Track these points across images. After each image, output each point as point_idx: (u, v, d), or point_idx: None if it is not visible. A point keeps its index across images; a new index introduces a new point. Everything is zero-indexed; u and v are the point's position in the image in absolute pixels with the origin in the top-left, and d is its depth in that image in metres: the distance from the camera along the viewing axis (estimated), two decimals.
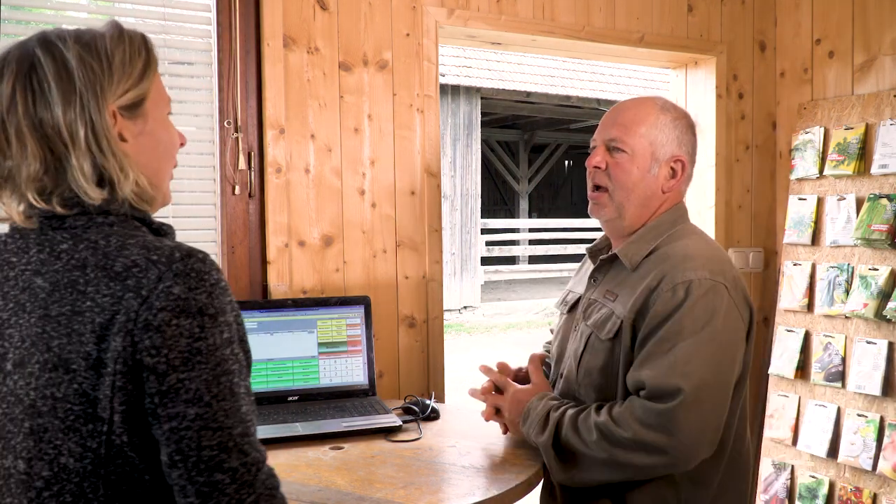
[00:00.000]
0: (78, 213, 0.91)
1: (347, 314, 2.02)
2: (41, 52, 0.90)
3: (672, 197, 1.59)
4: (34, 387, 0.87)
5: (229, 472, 0.85)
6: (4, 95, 0.89)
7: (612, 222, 1.60)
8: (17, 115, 0.89)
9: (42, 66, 0.89)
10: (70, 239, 0.90)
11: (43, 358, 0.86)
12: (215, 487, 0.84)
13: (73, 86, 0.89)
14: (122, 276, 0.86)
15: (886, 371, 2.37)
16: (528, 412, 1.53)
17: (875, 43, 2.57)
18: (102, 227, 0.91)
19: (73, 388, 0.85)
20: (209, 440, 0.84)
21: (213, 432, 0.84)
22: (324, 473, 1.45)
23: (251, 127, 2.10)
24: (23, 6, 1.90)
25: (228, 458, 0.85)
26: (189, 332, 0.84)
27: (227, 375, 0.87)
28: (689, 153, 1.59)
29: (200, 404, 0.84)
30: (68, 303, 0.86)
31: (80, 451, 0.86)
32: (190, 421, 0.84)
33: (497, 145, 15.53)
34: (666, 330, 1.41)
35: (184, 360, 0.84)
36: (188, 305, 0.85)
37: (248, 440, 0.87)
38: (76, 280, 0.87)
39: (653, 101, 1.59)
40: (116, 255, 0.87)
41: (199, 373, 0.84)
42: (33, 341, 0.87)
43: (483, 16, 2.35)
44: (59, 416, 0.86)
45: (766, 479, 2.71)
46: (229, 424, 0.86)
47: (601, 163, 1.56)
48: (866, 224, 2.43)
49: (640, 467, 1.39)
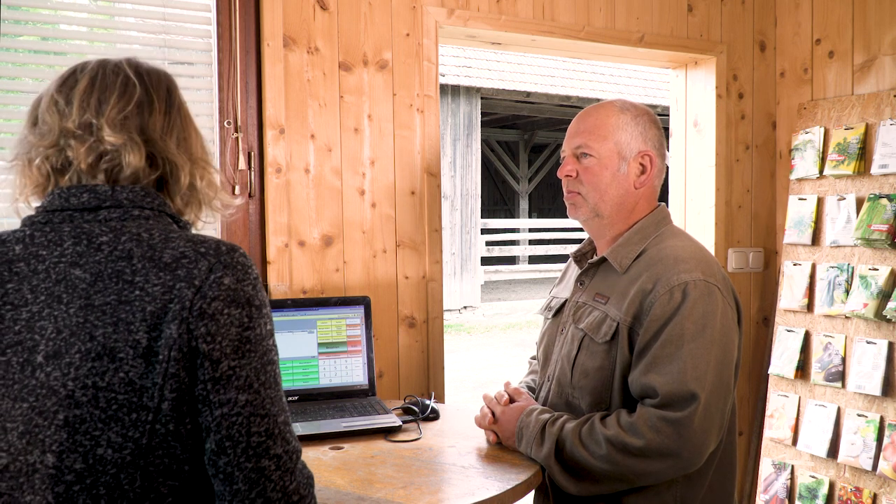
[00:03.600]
0: (111, 206, 0.93)
1: (347, 314, 2.02)
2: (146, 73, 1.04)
3: (646, 192, 1.62)
4: (73, 377, 0.86)
5: (274, 458, 0.88)
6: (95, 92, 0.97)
7: (590, 222, 1.64)
8: (118, 115, 0.96)
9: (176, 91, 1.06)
10: (110, 231, 0.91)
11: (85, 347, 0.86)
12: (262, 473, 0.87)
13: (173, 104, 1.06)
14: (171, 266, 0.88)
15: (886, 371, 2.37)
16: (520, 432, 1.54)
17: (875, 43, 2.57)
18: (139, 220, 0.93)
19: (119, 376, 0.85)
20: (258, 426, 0.87)
21: (262, 419, 0.87)
22: (324, 473, 1.45)
23: (251, 127, 2.10)
24: (21, 6, 1.89)
25: (274, 445, 0.88)
26: (239, 322, 0.88)
27: (271, 365, 0.90)
28: (655, 147, 1.62)
29: (250, 391, 0.87)
30: (113, 292, 0.87)
31: (121, 442, 0.86)
32: (241, 407, 0.86)
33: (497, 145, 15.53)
34: (668, 333, 1.42)
35: (235, 348, 0.87)
36: (238, 296, 0.88)
37: (289, 429, 0.91)
38: (122, 270, 0.88)
39: (611, 103, 1.64)
40: (163, 246, 0.90)
41: (248, 360, 0.88)
42: (73, 331, 0.87)
43: (483, 16, 2.35)
44: (101, 406, 0.85)
45: (766, 479, 2.71)
46: (274, 412, 0.89)
47: (572, 171, 1.61)
48: (866, 224, 2.43)
49: (654, 473, 1.41)
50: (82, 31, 2.06)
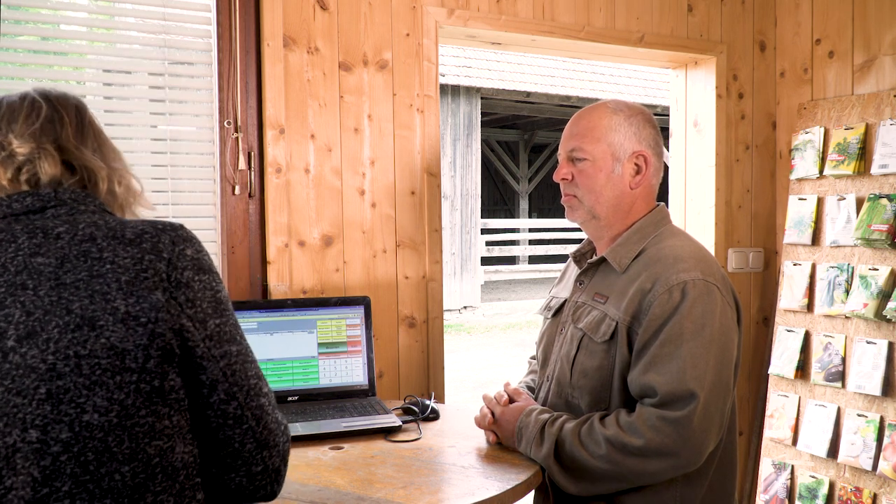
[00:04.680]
0: (56, 205, 1.01)
1: (347, 314, 2.02)
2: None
3: (643, 192, 1.62)
4: (53, 350, 0.91)
5: (265, 395, 1.02)
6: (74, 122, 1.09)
7: (587, 224, 1.64)
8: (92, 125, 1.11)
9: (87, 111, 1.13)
10: (64, 223, 0.98)
11: (63, 321, 0.91)
12: (262, 409, 1.01)
13: None
14: (135, 241, 0.96)
15: (886, 371, 2.37)
16: (520, 432, 1.54)
17: (875, 43, 2.57)
18: (87, 213, 1.02)
19: (101, 342, 0.91)
20: (251, 370, 1.01)
21: (251, 364, 1.01)
22: (323, 473, 1.45)
23: (251, 127, 2.10)
24: (21, 6, 1.89)
25: (263, 385, 1.02)
26: (209, 286, 0.99)
27: (237, 322, 1.03)
28: (651, 146, 1.61)
29: (236, 342, 1.00)
30: (84, 269, 0.94)
31: (106, 405, 0.91)
32: (236, 357, 0.99)
33: (497, 145, 15.53)
34: (667, 332, 1.42)
35: (213, 308, 0.99)
36: (201, 264, 1.00)
37: (262, 371, 1.05)
38: (88, 250, 0.95)
39: (604, 105, 1.63)
40: (122, 228, 0.98)
41: (226, 318, 1.00)
42: (47, 310, 0.92)
43: (483, 16, 2.35)
44: (84, 373, 0.91)
45: (766, 479, 2.71)
46: (254, 359, 1.03)
47: (567, 174, 1.62)
48: (866, 224, 2.43)
49: (653, 473, 1.41)
50: (82, 31, 2.06)
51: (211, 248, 2.09)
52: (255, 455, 1.00)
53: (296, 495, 1.32)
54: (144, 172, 2.05)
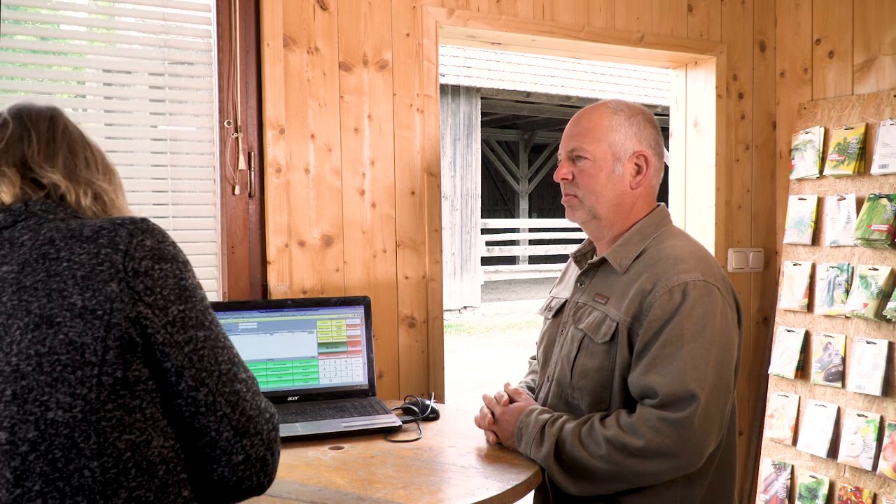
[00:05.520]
0: (27, 217, 1.01)
1: (347, 314, 2.02)
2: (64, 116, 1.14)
3: (643, 192, 1.62)
4: (16, 352, 0.91)
5: (243, 381, 0.99)
6: (59, 125, 1.10)
7: (588, 224, 1.64)
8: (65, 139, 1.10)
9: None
10: (29, 231, 0.99)
11: (23, 322, 0.92)
12: (238, 395, 0.98)
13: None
14: (92, 238, 0.96)
15: (886, 371, 2.37)
16: (520, 432, 1.54)
17: (875, 43, 2.57)
18: (56, 220, 1.01)
19: (59, 338, 0.91)
20: (223, 356, 0.98)
21: (223, 350, 0.99)
22: (323, 473, 1.45)
23: (251, 127, 2.10)
24: (21, 6, 1.89)
25: (239, 371, 1.00)
26: (173, 274, 0.97)
27: (210, 309, 1.01)
28: (651, 146, 1.61)
29: (204, 328, 0.98)
30: (42, 270, 0.94)
31: (69, 401, 0.90)
32: (202, 342, 0.97)
33: (497, 145, 15.53)
34: (668, 333, 1.42)
35: (177, 295, 0.96)
36: (163, 253, 0.97)
37: (241, 359, 1.03)
38: (46, 252, 0.95)
39: (605, 105, 1.63)
40: (81, 227, 0.98)
41: (192, 304, 0.98)
42: (10, 314, 0.93)
43: (483, 16, 2.35)
44: (45, 371, 0.90)
45: (766, 479, 2.71)
46: (229, 345, 1.01)
47: (567, 174, 1.61)
48: (866, 224, 2.43)
49: (653, 474, 1.41)
50: (82, 31, 2.06)
51: (211, 248, 2.09)
52: (235, 444, 0.97)
53: (296, 495, 1.32)
54: (144, 172, 2.05)
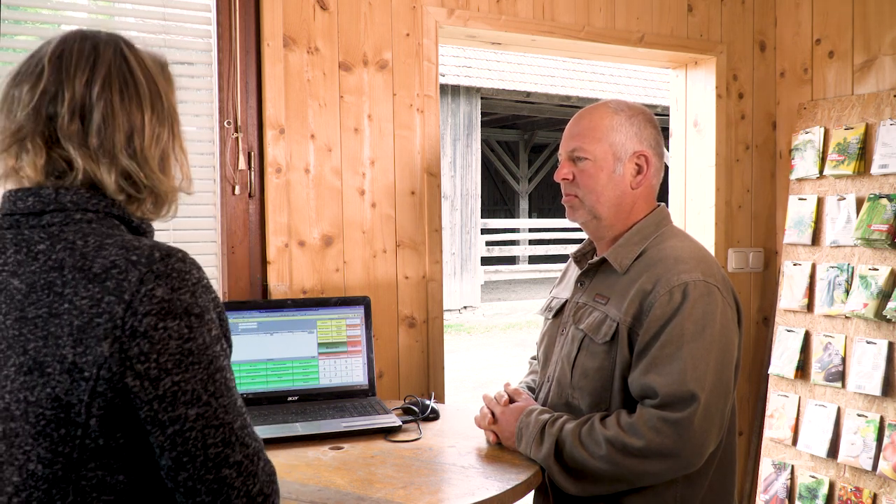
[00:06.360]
0: (55, 210, 0.90)
1: (347, 314, 2.02)
2: (129, 52, 0.96)
3: (644, 192, 1.61)
4: (9, 390, 0.85)
5: (235, 466, 0.87)
6: (98, 80, 0.93)
7: (588, 224, 1.64)
8: (104, 101, 0.92)
9: (130, 68, 0.95)
10: (47, 239, 0.88)
11: (19, 361, 0.85)
12: (224, 483, 0.86)
13: (160, 94, 0.96)
14: (100, 277, 0.84)
15: (886, 371, 2.37)
16: (520, 432, 1.54)
17: (875, 43, 2.57)
18: (80, 224, 0.90)
19: (47, 391, 0.84)
20: (213, 438, 0.86)
21: (216, 430, 0.86)
22: (323, 473, 1.45)
23: (251, 127, 2.10)
24: (21, 6, 1.89)
25: (233, 453, 0.87)
26: (178, 334, 0.85)
27: (220, 372, 0.88)
28: (652, 146, 1.61)
29: (200, 404, 0.85)
30: (45, 305, 0.85)
31: (50, 458, 0.84)
32: (192, 422, 0.85)
33: (497, 145, 15.53)
34: (668, 333, 1.42)
35: (176, 362, 0.84)
36: (173, 307, 0.85)
37: (248, 431, 0.90)
38: (53, 281, 0.85)
39: (605, 105, 1.63)
40: (94, 255, 0.86)
41: (193, 373, 0.85)
42: (10, 343, 0.86)
43: (483, 16, 2.35)
44: (31, 421, 0.84)
45: (766, 479, 2.71)
46: (229, 420, 0.87)
47: (568, 174, 1.61)
48: (866, 224, 2.43)
49: (653, 474, 1.41)
50: None
51: (211, 248, 2.09)
52: None
53: (296, 495, 1.32)
54: None
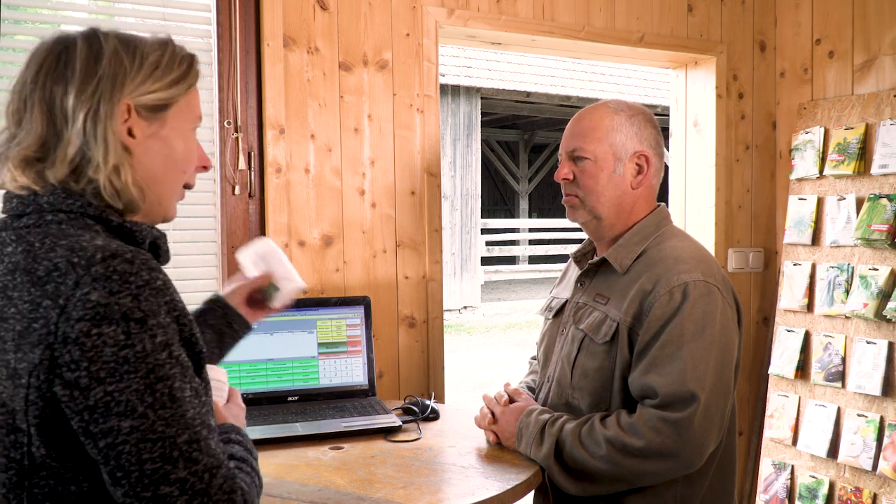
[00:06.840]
0: (32, 212, 0.88)
1: (347, 314, 2.02)
2: (81, 39, 0.93)
3: (644, 192, 1.61)
4: None
5: (177, 483, 0.80)
6: (32, 68, 0.92)
7: (589, 224, 1.64)
8: (36, 87, 0.91)
9: (75, 49, 0.91)
10: (15, 241, 0.86)
11: None
12: (163, 501, 0.80)
13: (96, 72, 0.90)
14: (42, 280, 0.81)
15: (886, 371, 2.37)
16: (520, 432, 1.54)
17: (875, 43, 2.57)
18: (50, 225, 0.87)
19: None
20: (150, 452, 0.79)
21: (153, 444, 0.80)
22: (323, 473, 1.45)
23: (251, 127, 2.10)
24: (21, 6, 1.89)
25: (175, 469, 0.80)
26: (114, 341, 0.79)
27: (163, 382, 0.81)
28: (652, 146, 1.61)
29: (135, 416, 0.79)
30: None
31: (5, 462, 0.83)
32: (126, 435, 0.79)
33: (497, 145, 15.53)
34: (668, 333, 1.42)
35: (110, 371, 0.79)
36: (110, 311, 0.79)
37: (198, 446, 0.82)
38: (6, 285, 0.84)
39: (606, 104, 1.63)
40: (43, 258, 0.83)
41: (128, 383, 0.79)
42: None
43: (483, 16, 2.35)
44: None
45: (766, 479, 2.71)
46: (171, 434, 0.81)
47: (568, 174, 1.61)
48: (866, 224, 2.43)
49: (653, 474, 1.41)
50: None
51: (211, 248, 2.09)
52: None
53: (296, 495, 1.32)
54: None
